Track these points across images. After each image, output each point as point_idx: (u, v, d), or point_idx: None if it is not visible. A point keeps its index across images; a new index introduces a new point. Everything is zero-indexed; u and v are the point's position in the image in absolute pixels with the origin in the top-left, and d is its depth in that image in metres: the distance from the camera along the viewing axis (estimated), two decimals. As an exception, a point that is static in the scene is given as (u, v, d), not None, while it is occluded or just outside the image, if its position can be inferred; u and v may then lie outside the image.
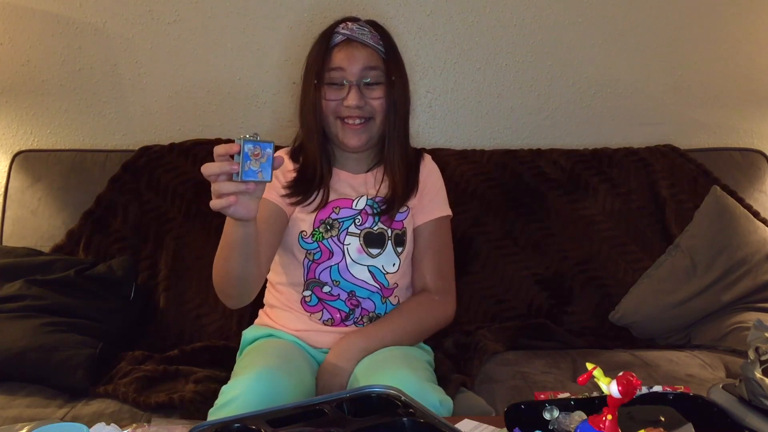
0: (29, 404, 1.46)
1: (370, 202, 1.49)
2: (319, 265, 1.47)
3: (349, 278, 1.47)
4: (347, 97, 1.43)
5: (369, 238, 1.47)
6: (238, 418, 0.95)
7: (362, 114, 1.44)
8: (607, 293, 1.91)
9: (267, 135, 2.08)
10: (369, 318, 1.49)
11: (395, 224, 1.50)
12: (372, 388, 0.99)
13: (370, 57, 1.44)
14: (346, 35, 1.45)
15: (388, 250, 1.48)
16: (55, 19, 2.03)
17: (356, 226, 1.48)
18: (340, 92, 1.44)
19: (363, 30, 1.46)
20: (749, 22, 2.15)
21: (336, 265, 1.47)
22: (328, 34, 1.47)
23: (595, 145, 2.09)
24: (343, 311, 1.48)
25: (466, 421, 1.06)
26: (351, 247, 1.47)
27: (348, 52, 1.44)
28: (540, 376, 1.60)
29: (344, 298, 1.48)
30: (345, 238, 1.47)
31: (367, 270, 1.48)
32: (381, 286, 1.49)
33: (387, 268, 1.49)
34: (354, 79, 1.43)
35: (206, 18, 2.05)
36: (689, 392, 1.02)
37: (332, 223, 1.47)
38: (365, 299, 1.48)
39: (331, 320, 1.48)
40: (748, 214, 1.93)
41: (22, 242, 1.92)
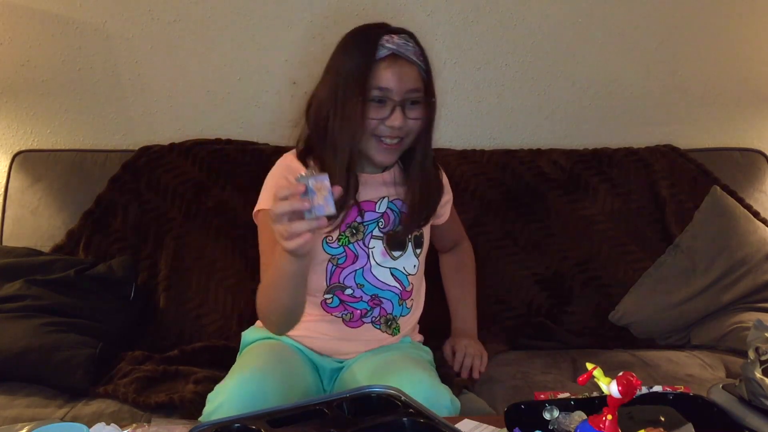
0: (29, 404, 1.46)
1: (391, 205, 1.48)
2: (344, 270, 1.45)
3: (372, 281, 1.47)
4: (390, 117, 1.36)
5: (392, 241, 1.48)
6: (238, 418, 0.96)
7: (400, 134, 1.39)
8: (607, 293, 1.90)
9: (267, 135, 2.08)
10: (386, 320, 1.49)
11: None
12: (372, 388, 1.00)
13: (416, 77, 1.39)
14: (392, 50, 1.36)
15: (408, 251, 1.50)
16: (55, 19, 2.03)
17: (380, 229, 1.47)
18: (381, 110, 1.37)
19: (408, 45, 1.38)
20: (749, 23, 2.15)
21: (361, 268, 1.46)
22: (372, 44, 1.36)
23: (595, 145, 2.09)
24: (364, 309, 1.48)
25: (466, 421, 1.06)
26: (375, 251, 1.46)
27: (395, 70, 1.36)
28: (540, 376, 1.60)
29: (366, 300, 1.47)
30: (370, 242, 1.46)
31: (390, 272, 1.48)
32: (402, 288, 1.49)
33: (408, 269, 1.50)
34: (399, 99, 1.37)
35: (206, 18, 2.05)
36: (689, 392, 1.02)
37: (358, 227, 1.45)
38: (386, 300, 1.49)
39: (350, 315, 1.47)
40: (748, 214, 1.93)
41: (22, 242, 1.92)
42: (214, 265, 1.87)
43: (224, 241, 1.89)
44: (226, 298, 1.83)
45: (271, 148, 2.02)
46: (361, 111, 1.36)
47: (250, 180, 1.94)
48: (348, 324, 1.48)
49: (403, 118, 1.37)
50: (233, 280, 1.85)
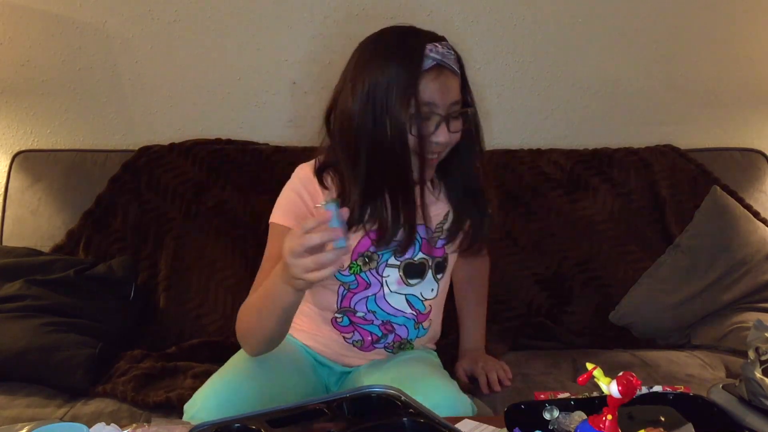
0: (29, 404, 1.46)
1: None
2: (355, 295, 1.38)
3: (385, 307, 1.39)
4: (437, 132, 1.25)
5: (409, 270, 1.38)
6: (238, 418, 0.95)
7: (442, 149, 1.29)
8: (607, 293, 1.90)
9: (267, 135, 2.08)
10: (400, 344, 1.42)
11: (436, 251, 1.40)
12: (372, 388, 0.99)
13: (458, 88, 1.28)
14: (437, 60, 1.24)
15: (428, 278, 1.40)
16: (55, 19, 2.03)
17: (396, 257, 1.36)
18: (426, 126, 1.25)
19: (450, 54, 1.27)
20: (749, 23, 2.15)
21: (373, 295, 1.38)
22: (417, 54, 1.24)
23: (595, 145, 2.09)
24: (375, 335, 1.41)
25: (466, 421, 1.06)
26: (390, 279, 1.37)
27: (441, 83, 1.24)
28: (540, 377, 1.60)
29: (378, 324, 1.40)
30: (384, 271, 1.37)
31: (405, 299, 1.40)
32: (417, 313, 1.41)
33: (425, 294, 1.41)
34: (444, 113, 1.25)
35: (206, 18, 2.05)
36: (689, 392, 1.02)
37: (371, 256, 1.35)
38: (400, 326, 1.41)
39: (361, 342, 1.41)
40: (748, 214, 1.93)
41: (22, 242, 1.92)
42: (214, 265, 1.87)
43: (224, 241, 1.89)
44: (226, 298, 1.83)
45: (271, 148, 2.02)
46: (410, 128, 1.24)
47: (250, 180, 1.95)
48: (359, 348, 1.42)
49: (448, 133, 1.26)
50: (233, 280, 1.85)
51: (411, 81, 1.22)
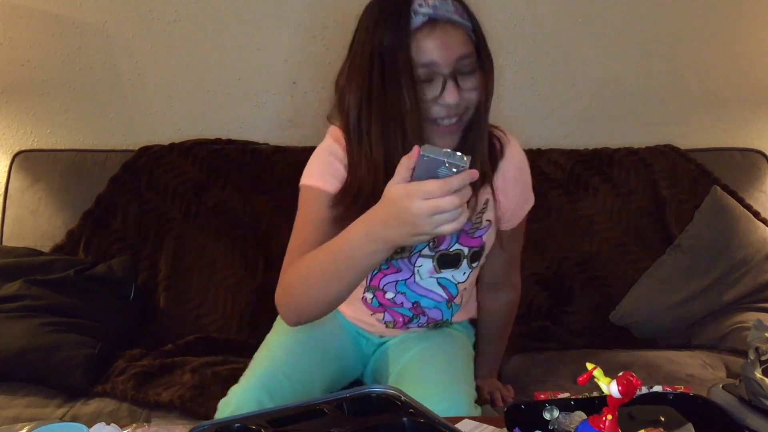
0: (28, 404, 1.46)
1: None
2: (385, 276, 1.31)
3: (416, 290, 1.34)
4: (443, 94, 1.13)
5: (443, 260, 1.31)
6: (238, 418, 0.95)
7: (458, 111, 1.16)
8: (607, 293, 1.90)
9: (267, 135, 2.08)
10: (435, 324, 1.39)
11: (473, 241, 1.32)
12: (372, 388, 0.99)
13: (463, 40, 1.14)
14: (428, 14, 1.11)
15: (462, 266, 1.33)
16: (55, 19, 2.03)
17: (431, 248, 1.29)
18: (431, 89, 1.14)
19: (446, 4, 1.13)
20: (749, 23, 2.15)
21: (404, 280, 1.33)
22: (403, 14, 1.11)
23: (595, 145, 2.09)
24: (406, 316, 1.37)
25: (466, 421, 1.06)
26: (422, 269, 1.31)
27: (438, 39, 1.11)
28: (540, 377, 1.60)
29: (408, 307, 1.36)
30: (417, 261, 1.30)
31: (437, 282, 1.34)
32: (449, 296, 1.36)
33: (457, 278, 1.34)
34: (449, 70, 1.13)
35: (206, 18, 2.05)
36: (689, 392, 1.02)
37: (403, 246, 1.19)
38: (431, 309, 1.37)
39: (393, 323, 1.38)
40: (748, 214, 1.93)
41: (22, 242, 1.92)
42: (214, 265, 1.87)
43: (224, 241, 1.89)
44: (226, 298, 1.83)
45: (271, 148, 2.02)
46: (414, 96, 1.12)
47: (250, 180, 1.95)
48: (391, 329, 1.40)
49: (458, 92, 1.13)
50: (233, 280, 1.85)
51: (400, 41, 1.11)
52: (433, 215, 0.92)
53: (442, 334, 1.42)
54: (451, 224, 0.93)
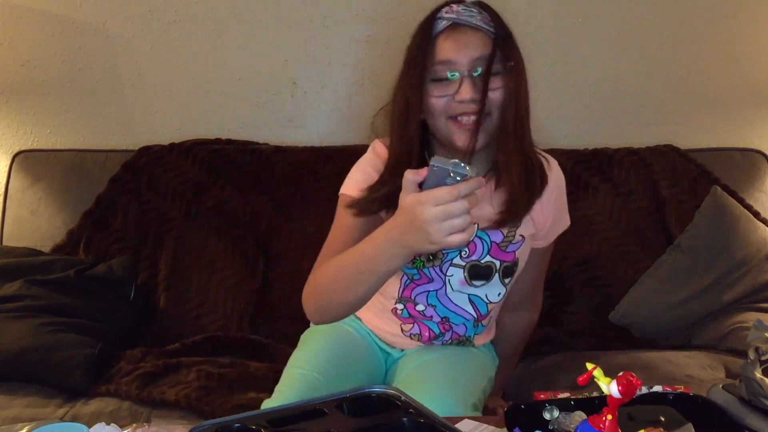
0: (28, 404, 1.46)
1: (481, 234, 1.29)
2: (418, 287, 1.34)
3: (447, 304, 1.35)
4: (459, 90, 1.19)
5: (475, 271, 1.32)
6: (238, 419, 0.95)
7: (478, 109, 1.19)
8: (607, 293, 1.90)
9: (267, 135, 2.08)
10: (459, 341, 1.41)
11: (506, 255, 1.32)
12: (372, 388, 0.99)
13: (483, 43, 1.21)
14: (452, 20, 1.22)
15: (494, 281, 1.33)
16: (55, 19, 2.03)
17: (462, 258, 1.31)
18: (449, 87, 1.20)
19: (471, 11, 1.23)
20: (749, 23, 2.15)
21: (435, 291, 1.34)
22: (429, 20, 1.24)
23: (595, 145, 2.09)
24: (433, 331, 1.38)
25: (466, 421, 1.06)
26: (453, 279, 1.32)
27: (455, 39, 1.20)
28: (540, 377, 1.60)
29: (437, 321, 1.37)
30: (448, 270, 1.31)
31: (468, 299, 1.35)
32: (478, 315, 1.37)
33: (490, 297, 1.35)
34: (465, 69, 1.19)
35: (206, 18, 2.05)
36: (689, 392, 1.02)
37: (435, 253, 1.28)
38: (458, 325, 1.38)
39: (419, 336, 1.39)
40: (748, 214, 1.93)
41: (22, 242, 1.93)
42: (214, 265, 1.87)
43: (224, 241, 1.89)
44: (226, 298, 1.83)
45: (271, 148, 2.02)
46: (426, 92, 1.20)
47: (250, 180, 1.95)
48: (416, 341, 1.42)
49: (473, 88, 1.19)
50: (233, 280, 1.85)
51: (425, 44, 1.21)
52: (444, 221, 0.96)
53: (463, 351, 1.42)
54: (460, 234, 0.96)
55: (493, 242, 1.30)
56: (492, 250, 1.31)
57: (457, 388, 1.29)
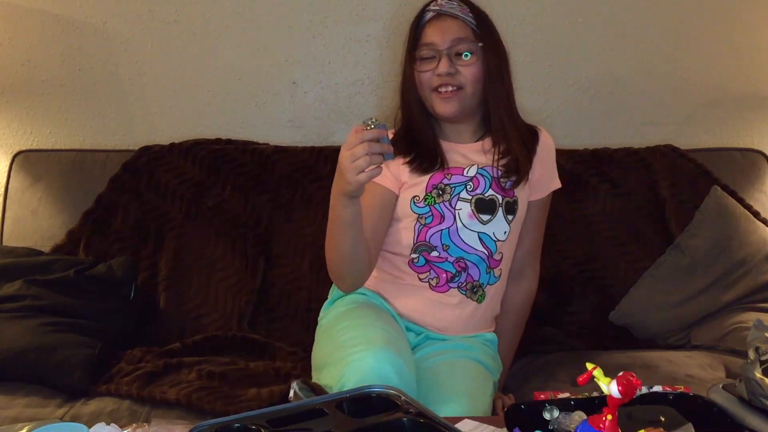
0: (28, 404, 1.46)
1: (482, 171, 1.51)
2: (430, 229, 1.49)
3: (458, 243, 1.49)
4: (438, 66, 1.47)
5: (480, 204, 1.50)
6: (238, 418, 0.95)
7: (452, 81, 1.47)
8: (607, 293, 1.90)
9: (267, 135, 2.08)
10: (472, 286, 1.51)
11: (507, 192, 1.52)
12: (372, 388, 0.99)
13: (460, 28, 1.49)
14: (436, 11, 1.50)
15: (499, 216, 1.51)
16: (55, 19, 2.03)
17: (468, 192, 1.50)
18: (432, 64, 1.48)
19: (452, 4, 1.51)
20: (749, 22, 2.15)
21: (447, 229, 1.49)
22: (420, 13, 1.53)
23: (595, 145, 2.09)
24: (449, 272, 1.50)
25: (467, 421, 1.06)
26: (462, 212, 1.49)
27: (437, 26, 1.49)
28: (540, 377, 1.60)
29: (452, 261, 1.50)
30: (456, 203, 1.49)
31: (477, 236, 1.49)
32: (489, 253, 1.51)
33: (497, 235, 1.51)
34: (444, 49, 1.47)
35: (206, 18, 2.05)
36: (689, 392, 1.02)
37: (444, 188, 1.50)
38: (473, 265, 1.50)
39: (437, 279, 1.50)
40: (748, 214, 1.93)
41: (22, 242, 1.92)
42: (214, 265, 1.87)
43: (224, 241, 1.89)
44: (226, 298, 1.83)
45: (271, 147, 2.02)
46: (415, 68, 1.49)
47: (250, 180, 1.95)
48: (434, 289, 1.50)
49: (449, 64, 1.46)
50: (233, 280, 1.85)
51: (414, 31, 1.52)
52: (352, 161, 1.21)
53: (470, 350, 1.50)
54: (365, 174, 1.21)
55: (493, 177, 1.51)
56: (493, 185, 1.51)
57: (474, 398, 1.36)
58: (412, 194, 1.50)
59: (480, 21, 1.52)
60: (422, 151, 1.52)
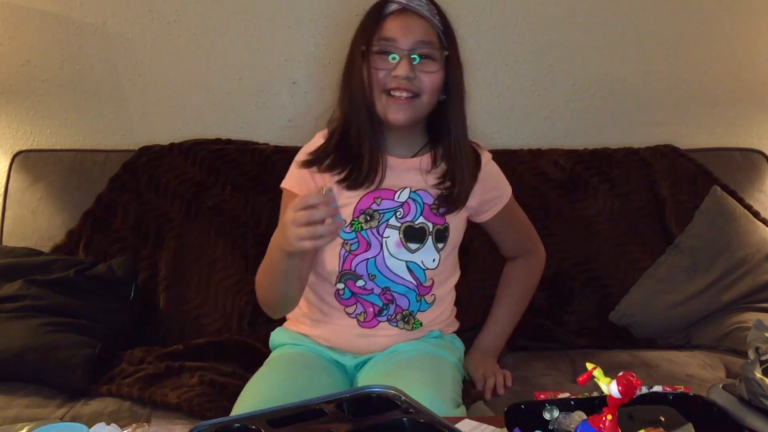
0: (28, 404, 1.46)
1: (414, 195, 1.42)
2: (356, 257, 1.41)
3: (385, 272, 1.41)
4: (397, 67, 1.33)
5: (409, 232, 1.41)
6: (238, 418, 0.95)
7: (410, 87, 1.34)
8: (607, 293, 1.90)
9: (267, 135, 2.08)
10: (402, 316, 1.44)
11: (438, 219, 1.43)
12: (372, 388, 0.99)
13: (425, 30, 1.36)
14: (402, 4, 1.37)
15: (428, 245, 1.42)
16: (55, 19, 2.03)
17: (397, 218, 1.41)
18: (389, 62, 1.35)
19: (420, 1, 1.38)
20: (749, 23, 2.15)
21: (373, 258, 1.41)
22: (381, 3, 1.39)
23: (595, 145, 2.08)
24: (376, 305, 1.43)
25: (467, 421, 1.06)
26: (390, 240, 1.41)
27: (402, 21, 1.35)
28: (540, 377, 1.60)
29: (378, 293, 1.42)
30: (384, 231, 1.41)
31: (405, 265, 1.42)
32: (418, 283, 1.43)
33: (426, 263, 1.43)
34: (406, 49, 1.34)
35: (206, 18, 2.05)
36: (689, 392, 1.02)
37: (372, 214, 1.41)
38: (400, 296, 1.43)
39: (364, 314, 1.43)
40: (748, 214, 1.93)
41: (22, 242, 1.92)
42: (214, 265, 1.87)
43: (224, 241, 1.89)
44: (226, 298, 1.83)
45: (271, 147, 2.02)
46: (369, 62, 1.35)
47: (250, 180, 1.95)
48: (362, 325, 1.44)
49: (409, 68, 1.33)
50: (233, 280, 1.85)
51: (373, 23, 1.36)
52: (292, 225, 1.13)
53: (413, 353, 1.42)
54: (308, 242, 1.12)
55: (425, 203, 1.42)
56: (425, 211, 1.42)
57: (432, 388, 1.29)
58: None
59: (447, 27, 1.40)
60: (359, 165, 1.38)
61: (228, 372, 1.60)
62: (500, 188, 1.55)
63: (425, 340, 1.47)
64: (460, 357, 1.51)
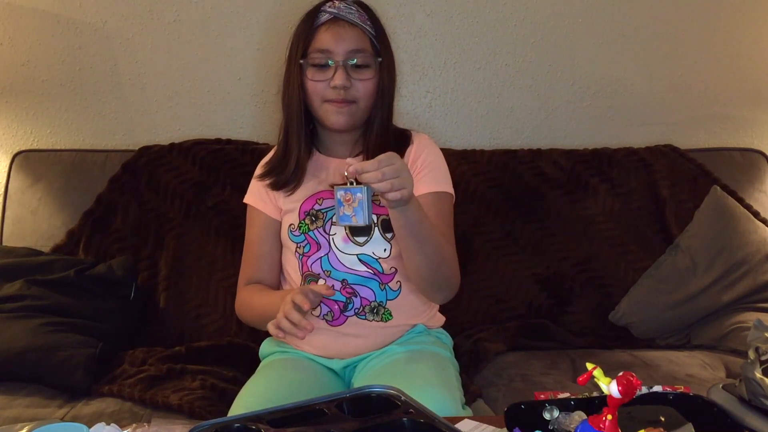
0: (29, 404, 1.46)
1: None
2: (309, 258, 1.45)
3: (339, 267, 1.43)
4: (333, 77, 1.38)
5: (354, 227, 1.42)
6: (238, 418, 0.95)
7: (347, 96, 1.40)
8: (607, 293, 1.90)
9: (267, 135, 2.08)
10: (371, 308, 1.43)
11: (381, 209, 1.41)
12: (372, 388, 0.99)
13: (358, 38, 1.40)
14: (333, 14, 1.41)
15: (375, 236, 1.43)
16: (55, 19, 2.03)
17: None
18: (326, 73, 1.40)
19: (350, 9, 1.42)
20: (749, 23, 2.15)
21: (325, 255, 1.44)
22: (312, 13, 1.43)
23: (595, 145, 2.09)
24: (340, 301, 1.43)
25: (467, 421, 1.06)
26: (336, 237, 1.43)
27: (334, 31, 1.39)
28: (540, 377, 1.60)
29: (338, 288, 1.43)
30: (330, 229, 1.44)
31: (357, 258, 1.43)
32: (376, 272, 1.43)
33: (378, 253, 1.43)
34: (340, 59, 1.39)
35: (206, 18, 2.05)
36: (689, 392, 1.02)
37: (316, 214, 1.45)
38: (362, 287, 1.43)
39: (331, 313, 1.43)
40: (748, 214, 1.93)
41: (22, 242, 1.92)
42: (214, 265, 1.87)
43: (224, 241, 1.89)
44: (226, 298, 1.83)
45: (271, 147, 2.01)
46: (306, 74, 1.40)
47: (249, 180, 1.95)
48: (332, 324, 1.43)
49: (345, 77, 1.38)
50: (233, 280, 1.84)
51: (306, 32, 1.41)
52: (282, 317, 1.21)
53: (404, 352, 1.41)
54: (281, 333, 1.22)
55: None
56: None
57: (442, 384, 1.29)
58: (288, 222, 1.47)
59: (378, 32, 1.44)
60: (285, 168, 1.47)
61: (229, 377, 1.60)
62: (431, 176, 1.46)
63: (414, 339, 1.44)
64: (451, 351, 1.50)
